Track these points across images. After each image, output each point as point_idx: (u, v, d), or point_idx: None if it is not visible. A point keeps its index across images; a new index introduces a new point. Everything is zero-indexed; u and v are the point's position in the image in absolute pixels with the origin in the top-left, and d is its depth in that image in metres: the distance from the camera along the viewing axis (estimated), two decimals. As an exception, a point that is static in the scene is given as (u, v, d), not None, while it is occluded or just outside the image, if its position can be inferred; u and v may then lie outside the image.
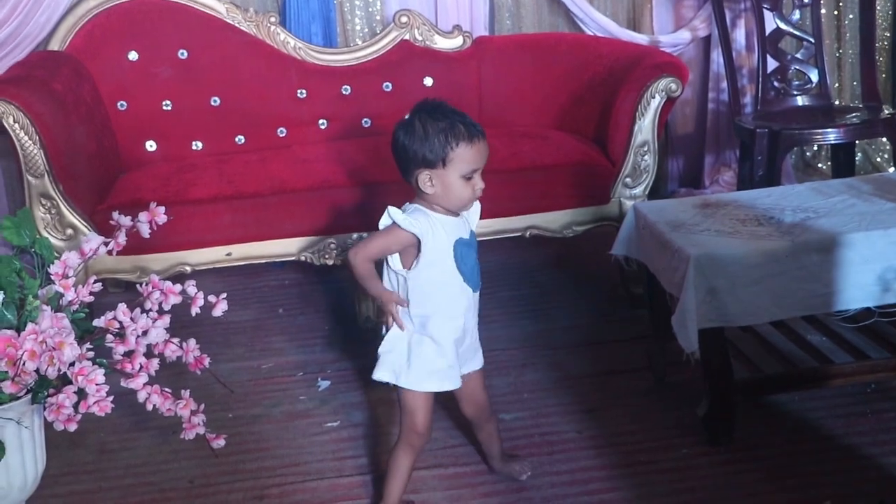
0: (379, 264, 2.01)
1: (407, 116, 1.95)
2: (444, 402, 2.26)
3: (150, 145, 3.33)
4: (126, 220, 1.91)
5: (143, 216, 1.92)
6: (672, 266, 2.22)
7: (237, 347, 2.95)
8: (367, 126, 3.47)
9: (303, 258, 2.91)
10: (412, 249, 1.94)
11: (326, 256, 2.90)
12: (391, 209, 1.93)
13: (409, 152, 1.91)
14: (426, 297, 1.95)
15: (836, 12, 4.01)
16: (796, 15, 3.60)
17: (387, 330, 2.00)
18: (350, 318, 3.05)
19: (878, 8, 3.85)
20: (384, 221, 1.94)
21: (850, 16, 3.97)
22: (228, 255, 2.87)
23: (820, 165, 4.11)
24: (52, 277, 1.81)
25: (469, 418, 2.16)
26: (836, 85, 4.04)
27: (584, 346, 2.82)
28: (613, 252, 2.53)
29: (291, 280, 3.48)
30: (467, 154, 1.89)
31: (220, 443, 1.93)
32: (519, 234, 2.98)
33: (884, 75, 4.04)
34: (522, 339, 2.83)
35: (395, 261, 1.97)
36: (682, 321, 2.16)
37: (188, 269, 2.84)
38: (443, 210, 1.95)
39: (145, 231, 1.92)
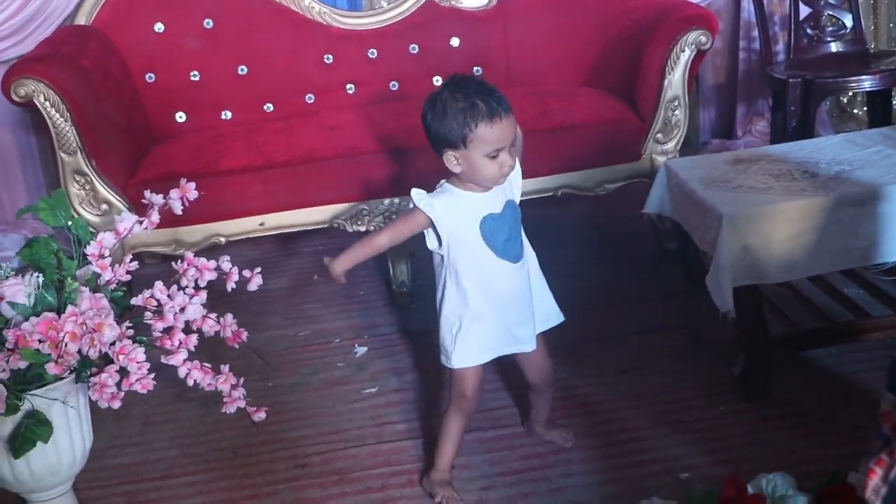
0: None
1: (433, 93, 1.91)
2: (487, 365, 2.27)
3: (180, 116, 3.34)
4: (158, 199, 1.91)
5: (174, 193, 1.92)
6: (705, 224, 2.20)
7: (273, 316, 2.98)
8: (394, 89, 3.45)
9: (335, 225, 2.92)
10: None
11: (359, 223, 2.90)
12: (414, 192, 1.91)
13: (433, 132, 1.88)
14: (463, 273, 1.95)
15: (870, -47, 3.92)
16: (829, -42, 3.52)
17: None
18: (385, 283, 3.07)
19: (914, -54, 3.78)
20: (411, 204, 1.93)
21: (885, -45, 3.88)
22: (261, 224, 2.89)
23: (856, 112, 4.04)
24: (89, 258, 1.82)
25: (531, 383, 2.15)
26: (872, 28, 3.95)
27: (619, 305, 2.83)
28: (646, 210, 2.51)
29: (325, 246, 3.48)
30: (488, 134, 1.83)
31: (260, 416, 1.95)
32: (551, 193, 2.97)
33: (920, 16, 3.95)
34: (558, 298, 2.80)
35: (429, 239, 1.96)
36: (716, 280, 2.14)
37: (222, 240, 2.86)
38: (476, 187, 1.92)
39: (177, 208, 1.93)
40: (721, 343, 2.44)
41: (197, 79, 3.36)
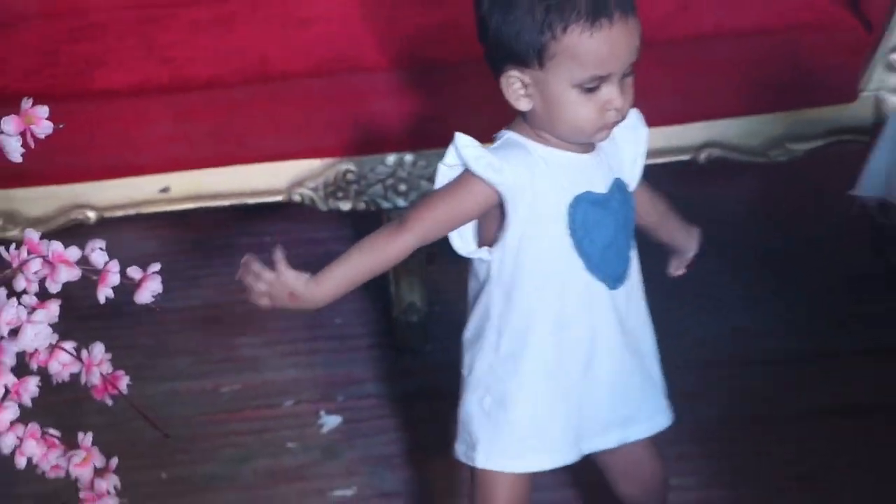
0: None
1: None
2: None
3: (20, -12, 3.36)
4: (-29, 135, 1.93)
5: (8, 124, 1.93)
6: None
7: (179, 355, 2.99)
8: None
9: (297, 198, 2.95)
10: (493, 216, 1.89)
11: (340, 195, 2.93)
12: (459, 139, 1.84)
13: (491, 32, 1.83)
14: (519, 299, 1.91)
15: None
16: None
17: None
18: (380, 306, 3.10)
19: None
20: (447, 164, 1.87)
21: None
22: (164, 191, 2.92)
23: None
24: None
25: (624, 501, 2.17)
26: None
27: (796, 363, 2.83)
28: (859, 193, 2.53)
29: (280, 235, 3.48)
30: (586, 46, 1.76)
31: (144, 532, 1.97)
32: (688, 156, 2.98)
33: None
34: (687, 349, 2.80)
35: (459, 238, 1.93)
36: None
37: (92, 216, 2.90)
38: (557, 141, 1.88)
39: (15, 151, 1.95)
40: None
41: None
